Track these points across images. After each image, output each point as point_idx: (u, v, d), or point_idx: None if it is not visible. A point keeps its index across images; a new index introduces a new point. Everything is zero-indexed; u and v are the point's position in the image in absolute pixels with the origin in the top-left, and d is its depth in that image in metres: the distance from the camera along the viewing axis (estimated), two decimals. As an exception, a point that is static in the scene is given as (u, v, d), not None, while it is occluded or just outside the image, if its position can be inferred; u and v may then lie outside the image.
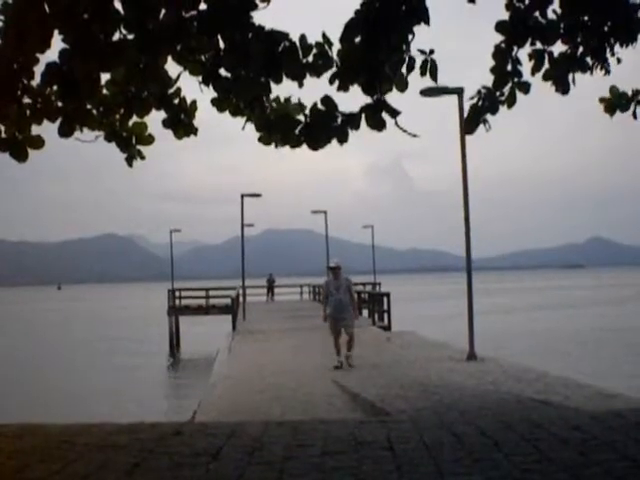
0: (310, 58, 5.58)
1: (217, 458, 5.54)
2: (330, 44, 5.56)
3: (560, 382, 13.07)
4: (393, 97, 5.79)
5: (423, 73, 5.65)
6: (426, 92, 16.89)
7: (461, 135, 18.24)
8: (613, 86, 6.97)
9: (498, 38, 6.08)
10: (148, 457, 5.65)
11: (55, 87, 5.57)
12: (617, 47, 6.11)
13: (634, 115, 6.96)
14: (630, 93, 6.98)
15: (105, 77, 5.75)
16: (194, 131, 6.31)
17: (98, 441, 6.26)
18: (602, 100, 7.01)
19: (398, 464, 5.22)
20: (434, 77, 5.68)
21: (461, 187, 18.25)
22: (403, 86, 5.69)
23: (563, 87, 6.26)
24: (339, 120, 5.74)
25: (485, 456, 5.40)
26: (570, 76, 6.23)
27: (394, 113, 5.64)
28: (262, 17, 5.39)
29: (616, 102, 6.96)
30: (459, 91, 16.90)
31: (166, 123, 6.22)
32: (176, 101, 6.14)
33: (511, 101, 6.35)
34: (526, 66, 6.23)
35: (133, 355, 40.75)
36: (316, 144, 5.84)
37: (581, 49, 6.13)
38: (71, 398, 26.01)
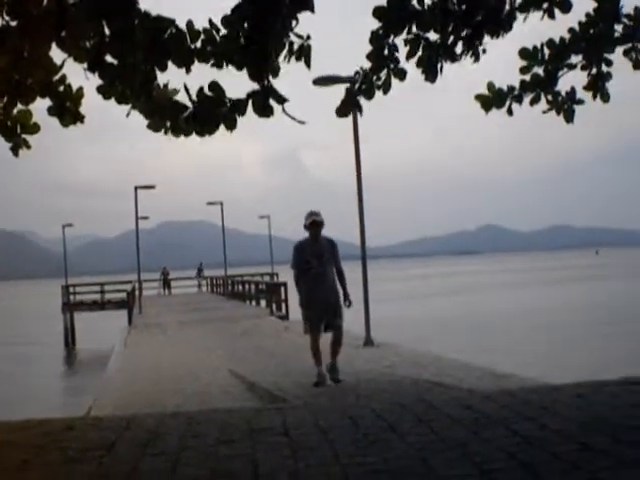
0: (198, 44, 5.53)
1: (111, 451, 5.45)
2: (217, 30, 5.51)
3: (454, 365, 13.37)
4: (286, 86, 5.77)
5: (298, 58, 5.64)
6: (318, 81, 16.98)
7: (354, 125, 18.43)
8: (490, 82, 6.96)
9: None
10: (39, 453, 5.51)
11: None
12: (487, 38, 6.18)
13: (509, 111, 6.94)
14: (506, 89, 6.95)
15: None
16: (81, 118, 6.16)
17: (-14, 440, 6.08)
18: (478, 97, 6.97)
19: (294, 449, 5.24)
20: (307, 63, 5.67)
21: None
22: (276, 71, 5.66)
23: (432, 75, 6.30)
24: (227, 106, 5.71)
25: (381, 437, 5.47)
26: (439, 65, 6.26)
27: (281, 100, 5.62)
28: (148, 2, 5.32)
29: (493, 98, 6.94)
30: (352, 80, 17.00)
31: (51, 111, 6.05)
32: (61, 88, 5.99)
33: (386, 87, 6.35)
34: (402, 53, 6.24)
35: (25, 353, 39.79)
36: (203, 130, 5.79)
37: (452, 38, 6.17)
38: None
